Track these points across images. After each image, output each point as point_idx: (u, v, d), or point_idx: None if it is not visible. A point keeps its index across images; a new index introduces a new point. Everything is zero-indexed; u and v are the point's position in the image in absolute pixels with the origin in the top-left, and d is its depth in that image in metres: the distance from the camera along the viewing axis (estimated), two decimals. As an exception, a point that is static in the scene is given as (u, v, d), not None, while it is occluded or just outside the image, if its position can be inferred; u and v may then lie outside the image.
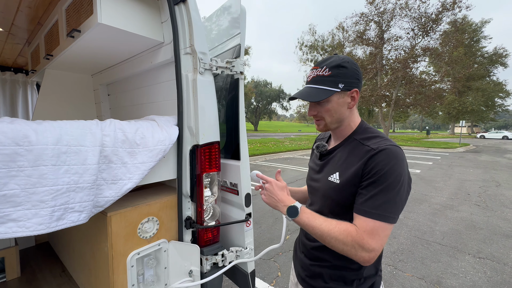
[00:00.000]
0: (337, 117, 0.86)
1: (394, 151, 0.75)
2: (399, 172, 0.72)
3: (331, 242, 0.76)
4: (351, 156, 0.83)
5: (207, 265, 1.29)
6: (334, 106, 0.84)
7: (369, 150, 0.77)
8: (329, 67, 0.82)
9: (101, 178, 0.97)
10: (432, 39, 20.07)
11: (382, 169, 0.72)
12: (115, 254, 1.10)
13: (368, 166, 0.75)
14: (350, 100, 0.85)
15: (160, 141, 1.14)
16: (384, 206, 0.71)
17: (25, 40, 2.22)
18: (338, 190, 0.82)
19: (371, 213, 0.72)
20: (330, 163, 0.90)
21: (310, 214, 0.82)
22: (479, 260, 2.85)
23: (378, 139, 0.81)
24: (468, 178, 7.18)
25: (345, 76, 0.81)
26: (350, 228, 0.74)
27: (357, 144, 0.84)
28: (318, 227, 0.78)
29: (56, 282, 1.51)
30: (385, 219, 0.71)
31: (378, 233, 0.71)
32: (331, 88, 0.82)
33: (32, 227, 0.79)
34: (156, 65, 1.50)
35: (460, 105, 32.68)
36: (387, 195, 0.71)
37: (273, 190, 0.90)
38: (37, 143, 0.81)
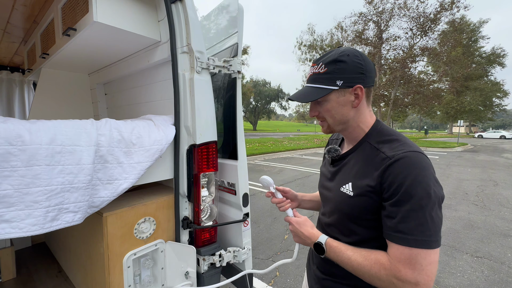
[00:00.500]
0: (340, 118, 0.77)
1: (415, 159, 0.63)
2: (425, 184, 0.60)
3: (365, 277, 0.67)
4: (365, 164, 0.73)
5: (204, 266, 1.28)
6: (334, 105, 0.76)
7: (384, 158, 0.67)
8: (325, 63, 0.74)
9: (97, 178, 0.96)
10: (430, 39, 20.15)
11: (403, 183, 0.61)
12: (111, 255, 1.09)
13: (385, 180, 0.64)
14: (354, 98, 0.75)
15: (157, 140, 1.13)
16: (419, 228, 0.59)
17: (21, 39, 2.20)
18: (351, 204, 0.73)
19: (405, 239, 0.60)
20: (343, 170, 0.81)
21: (337, 248, 0.73)
22: (476, 259, 2.86)
23: (394, 144, 0.70)
24: (466, 178, 7.21)
25: (344, 72, 0.72)
26: (382, 259, 0.65)
27: (371, 149, 0.74)
28: (347, 262, 0.70)
29: (52, 283, 1.50)
30: (424, 244, 0.59)
31: (419, 262, 0.59)
32: (328, 86, 0.74)
33: (26, 228, 0.78)
34: (152, 64, 1.49)
35: (458, 105, 32.82)
36: (419, 214, 0.59)
37: (296, 230, 0.83)
38: (30, 143, 0.79)
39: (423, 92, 21.41)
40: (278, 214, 4.16)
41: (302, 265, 2.66)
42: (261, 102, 54.07)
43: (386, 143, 0.72)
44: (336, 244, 0.74)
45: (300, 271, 2.57)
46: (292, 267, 2.63)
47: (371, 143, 0.75)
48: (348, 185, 0.75)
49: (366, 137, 0.78)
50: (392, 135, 0.74)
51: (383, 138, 0.74)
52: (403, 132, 55.22)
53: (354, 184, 0.73)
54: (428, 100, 21.46)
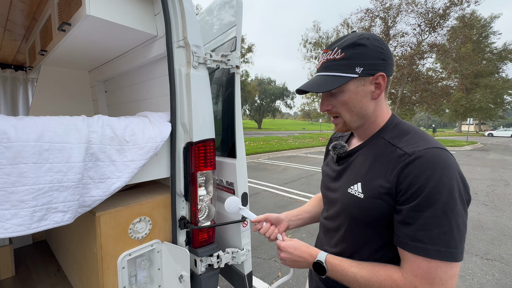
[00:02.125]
0: (358, 112, 0.67)
1: (438, 157, 0.55)
2: (451, 186, 0.52)
3: None
4: (377, 162, 0.64)
5: (201, 267, 1.24)
6: (352, 97, 0.65)
7: (402, 155, 0.58)
8: (341, 48, 0.64)
9: (88, 176, 0.93)
10: (439, 35, 19.69)
11: (425, 185, 0.53)
12: (105, 255, 1.06)
13: (403, 180, 0.56)
14: (374, 88, 0.65)
15: (151, 138, 1.10)
16: (443, 237, 0.51)
17: (22, 36, 2.19)
18: (362, 207, 0.64)
19: (426, 250, 0.52)
20: (350, 169, 0.72)
21: (339, 266, 0.65)
22: (487, 261, 2.76)
23: (413, 139, 0.61)
24: (476, 177, 7.02)
25: (364, 57, 0.62)
26: (393, 274, 0.57)
27: (385, 145, 0.65)
28: (353, 280, 0.62)
29: (51, 281, 1.49)
30: (448, 256, 0.51)
31: (438, 277, 0.51)
32: (346, 74, 0.63)
33: (11, 228, 0.75)
34: (150, 59, 1.45)
35: (468, 103, 32.07)
36: (442, 222, 0.51)
37: (292, 254, 0.73)
38: (16, 140, 0.76)
39: (431, 90, 20.98)
40: (282, 213, 4.11)
41: (305, 265, 2.60)
42: (266, 100, 53.91)
43: (403, 138, 0.63)
44: (338, 262, 0.66)
45: (302, 272, 2.52)
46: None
47: (385, 138, 0.66)
48: (357, 186, 0.66)
49: (380, 131, 0.69)
50: (409, 129, 0.65)
51: (399, 133, 0.65)
52: (410, 131, 54.13)
53: (365, 185, 0.64)
54: (437, 97, 21.02)
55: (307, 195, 5.14)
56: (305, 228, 3.52)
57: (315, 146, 15.15)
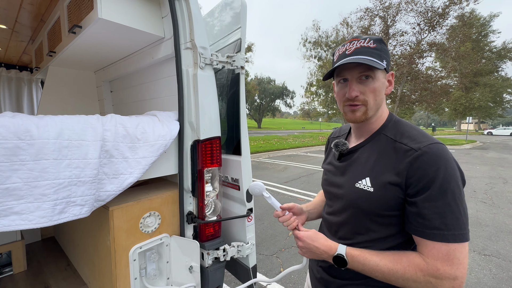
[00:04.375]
0: (379, 102, 0.72)
1: (441, 151, 0.61)
2: (456, 176, 0.60)
3: (398, 282, 0.63)
4: (383, 157, 0.68)
5: (208, 260, 1.29)
6: (380, 86, 0.70)
7: (408, 150, 0.63)
8: (372, 39, 0.70)
9: (103, 172, 0.98)
10: (438, 34, 19.73)
11: (435, 177, 0.58)
12: (118, 248, 1.11)
13: (414, 174, 0.61)
14: (388, 84, 0.73)
15: (161, 136, 1.15)
16: (456, 222, 0.57)
17: (29, 38, 2.24)
18: (372, 199, 0.67)
19: (444, 236, 0.58)
20: (355, 165, 0.75)
21: (360, 256, 0.67)
22: (484, 257, 2.82)
23: (415, 135, 0.66)
24: (475, 175, 7.08)
25: (387, 54, 0.70)
26: (415, 259, 0.61)
27: (389, 142, 0.69)
28: (376, 269, 0.64)
29: (62, 275, 1.54)
30: (461, 238, 0.57)
31: (456, 257, 0.57)
32: (380, 62, 0.68)
33: (35, 220, 0.80)
34: (157, 60, 1.50)
35: (467, 101, 32.14)
36: (453, 209, 0.58)
37: (309, 245, 0.76)
38: (38, 137, 0.81)
39: (431, 89, 21.03)
40: (283, 211, 4.16)
41: (306, 261, 2.66)
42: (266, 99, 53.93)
43: (404, 135, 0.68)
44: (359, 253, 0.68)
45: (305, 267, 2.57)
46: (297, 262, 2.63)
47: (387, 135, 0.71)
48: (365, 180, 0.69)
49: (381, 129, 0.73)
50: (408, 126, 0.71)
51: (400, 129, 0.70)
52: (410, 130, 54.19)
53: (373, 179, 0.68)
54: (436, 96, 21.07)
55: (308, 194, 5.20)
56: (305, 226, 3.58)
57: (315, 145, 15.20)
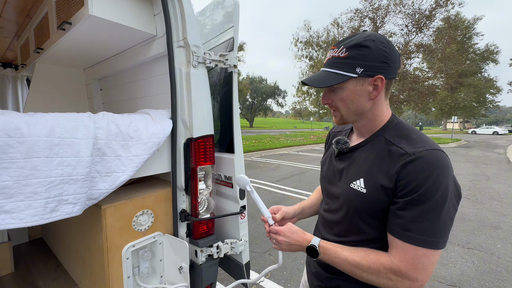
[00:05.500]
0: (355, 109, 0.71)
1: (437, 158, 0.60)
2: (445, 187, 0.58)
3: (362, 276, 0.66)
4: (379, 159, 0.68)
5: (202, 257, 1.30)
6: (350, 95, 0.69)
7: (403, 154, 0.63)
8: (346, 47, 0.67)
9: (95, 170, 0.97)
10: (425, 36, 20.26)
11: (423, 183, 0.58)
12: (110, 247, 1.11)
13: (403, 177, 0.61)
14: (372, 89, 0.68)
15: (154, 134, 1.15)
16: (430, 229, 0.58)
17: (14, 34, 2.17)
18: (364, 201, 0.69)
19: (413, 238, 0.59)
20: (352, 165, 0.75)
21: (331, 250, 0.71)
22: (468, 250, 2.94)
23: (414, 140, 0.65)
24: (459, 173, 7.34)
25: (366, 59, 0.65)
26: (383, 258, 0.63)
27: (386, 143, 0.69)
28: (344, 263, 0.68)
29: (51, 276, 1.51)
30: (431, 245, 0.58)
31: (422, 262, 0.58)
32: (346, 72, 0.67)
33: (26, 219, 0.79)
34: (149, 58, 1.49)
35: (453, 101, 33.19)
36: (432, 216, 0.57)
37: (290, 238, 0.78)
38: (29, 135, 0.80)
39: (418, 89, 21.60)
40: (275, 209, 4.20)
41: (298, 257, 2.70)
42: (258, 99, 53.94)
43: (403, 138, 0.67)
44: (331, 246, 0.72)
45: (297, 264, 2.61)
46: (289, 259, 2.67)
47: (386, 137, 0.70)
48: (360, 182, 0.70)
49: (382, 130, 0.73)
50: (409, 130, 0.69)
51: (400, 132, 0.69)
52: (398, 129, 55.31)
53: (367, 181, 0.69)
54: (423, 96, 21.66)
55: (300, 192, 5.26)
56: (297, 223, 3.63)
57: (307, 144, 15.35)
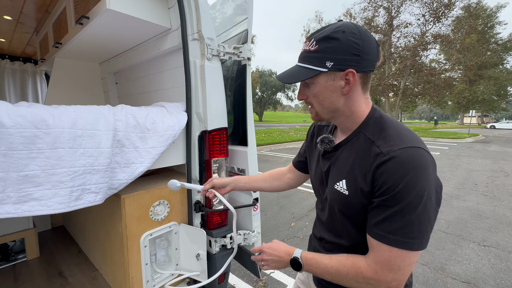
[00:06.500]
0: (328, 106, 0.68)
1: (411, 157, 0.57)
2: (420, 187, 0.55)
3: (343, 283, 0.65)
4: (359, 159, 0.66)
5: (216, 247, 1.34)
6: (322, 90, 0.66)
7: (378, 154, 0.60)
8: (316, 40, 0.63)
9: (115, 161, 1.01)
10: (443, 25, 19.39)
11: (396, 185, 0.56)
12: (129, 235, 1.16)
13: (377, 179, 0.59)
14: (344, 83, 0.64)
15: (170, 126, 1.17)
16: (404, 230, 0.56)
17: (33, 29, 2.24)
18: (347, 203, 0.67)
19: (387, 238, 0.57)
20: (336, 165, 0.73)
21: (312, 259, 0.70)
22: (483, 248, 2.87)
23: (390, 136, 0.62)
24: (476, 168, 7.09)
25: (336, 51, 0.61)
26: (358, 262, 0.63)
27: (366, 141, 0.66)
28: (325, 271, 0.68)
29: (73, 261, 1.60)
30: (405, 245, 0.56)
31: (397, 264, 0.57)
32: (316, 67, 0.63)
33: (53, 206, 0.83)
34: (163, 52, 1.51)
35: (471, 95, 31.79)
36: (406, 217, 0.56)
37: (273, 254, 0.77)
38: (54, 127, 0.84)
39: (434, 82, 20.82)
40: (285, 203, 4.22)
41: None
42: (267, 92, 53.57)
43: (382, 134, 0.64)
44: (312, 256, 0.71)
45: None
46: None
47: (366, 135, 0.67)
48: (342, 183, 0.68)
49: (361, 127, 0.69)
50: (389, 125, 0.66)
51: (379, 128, 0.66)
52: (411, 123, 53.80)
53: (349, 182, 0.67)
54: (439, 89, 20.88)
55: (308, 185, 5.25)
56: (308, 217, 3.64)
57: (317, 138, 15.16)
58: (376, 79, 20.77)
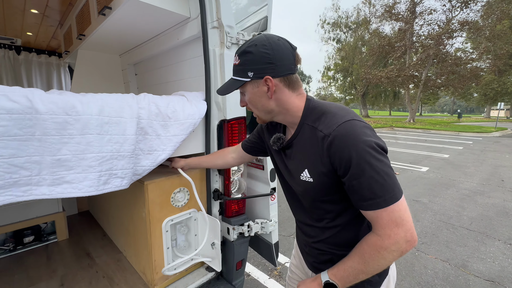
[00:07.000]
0: (262, 108, 0.77)
1: (349, 130, 0.64)
2: (368, 148, 0.62)
3: (374, 267, 0.66)
4: (310, 146, 0.72)
5: (234, 234, 1.36)
6: (252, 97, 0.76)
7: (323, 137, 0.67)
8: (237, 54, 0.74)
9: (139, 148, 1.04)
10: (472, 11, 18.07)
11: (350, 158, 0.62)
12: (152, 219, 1.20)
13: (333, 159, 0.66)
14: (267, 89, 0.72)
15: (190, 115, 1.18)
16: (382, 189, 0.62)
17: (58, 22, 2.32)
18: (315, 189, 0.73)
19: (376, 203, 0.62)
20: (296, 158, 0.78)
21: (339, 270, 0.71)
22: (510, 246, 2.73)
23: (328, 118, 0.69)
24: (503, 164, 6.69)
25: (252, 63, 0.71)
26: (371, 240, 0.66)
27: (310, 130, 0.73)
28: (357, 271, 0.68)
29: (99, 244, 1.69)
30: (392, 199, 0.62)
31: (398, 217, 0.62)
32: (241, 78, 0.74)
33: (84, 189, 0.87)
34: (182, 41, 1.52)
35: (500, 86, 29.66)
36: (376, 178, 0.61)
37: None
38: (83, 113, 0.87)
39: (459, 72, 19.62)
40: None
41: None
42: (281, 85, 52.79)
43: (320, 120, 0.71)
44: (336, 268, 0.72)
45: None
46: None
47: (309, 124, 0.74)
48: (305, 172, 0.74)
49: (303, 119, 0.76)
50: (322, 109, 0.73)
51: (317, 115, 0.73)
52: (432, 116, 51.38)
53: (310, 170, 0.73)
54: (465, 80, 19.68)
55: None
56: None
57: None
58: (396, 70, 19.85)
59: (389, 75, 19.72)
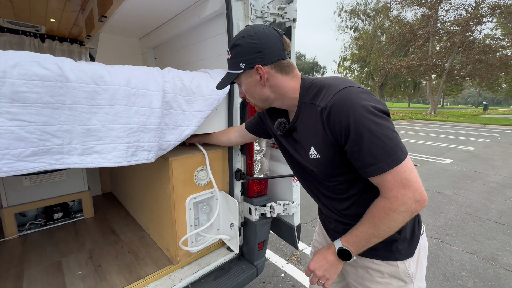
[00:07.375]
0: (258, 97, 0.80)
1: (343, 98, 0.64)
2: (365, 113, 0.61)
3: (386, 230, 0.67)
4: (312, 123, 0.74)
5: (256, 215, 1.34)
6: (247, 87, 0.79)
7: (322, 110, 0.69)
8: (229, 49, 0.78)
9: (164, 122, 1.03)
10: (505, -6, 16.63)
11: (348, 126, 0.63)
12: (176, 196, 1.20)
13: (333, 130, 0.67)
14: (259, 77, 0.75)
15: (214, 91, 1.16)
16: (384, 152, 0.61)
17: (79, 7, 2.34)
18: (325, 164, 0.75)
19: (380, 168, 0.62)
20: (302, 139, 0.80)
21: (352, 236, 0.73)
22: (543, 241, 2.56)
23: (323, 92, 0.70)
24: (535, 158, 6.26)
25: (242, 55, 0.74)
26: (380, 203, 0.67)
27: (310, 107, 0.74)
28: (368, 235, 0.69)
29: (123, 222, 1.74)
30: (396, 161, 0.61)
31: (404, 178, 0.62)
32: (235, 70, 0.77)
33: (113, 160, 0.88)
34: (203, 19, 1.48)
35: (532, 76, 27.52)
36: (376, 142, 0.61)
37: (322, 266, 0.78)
38: (111, 83, 0.86)
39: (487, 61, 18.33)
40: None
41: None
42: (295, 76, 51.94)
43: (317, 95, 0.72)
44: (348, 235, 0.74)
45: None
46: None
47: (307, 102, 0.76)
48: (312, 149, 0.76)
49: (301, 99, 0.78)
50: (318, 84, 0.74)
51: (313, 92, 0.74)
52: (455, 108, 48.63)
53: (316, 146, 0.75)
54: (493, 70, 18.38)
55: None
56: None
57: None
58: (418, 59, 18.83)
59: (410, 65, 18.74)
